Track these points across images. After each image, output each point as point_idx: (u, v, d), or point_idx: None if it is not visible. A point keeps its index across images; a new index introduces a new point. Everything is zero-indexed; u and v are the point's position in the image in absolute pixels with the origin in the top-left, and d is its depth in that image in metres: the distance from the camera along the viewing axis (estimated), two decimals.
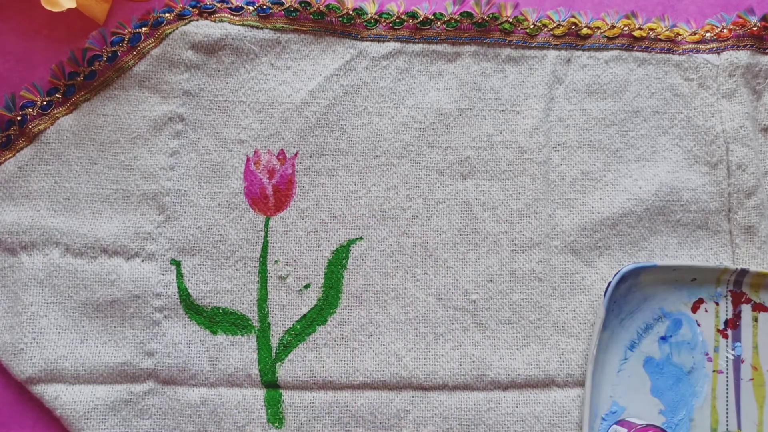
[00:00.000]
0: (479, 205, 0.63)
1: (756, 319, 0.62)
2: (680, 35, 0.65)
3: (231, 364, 0.60)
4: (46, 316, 0.59)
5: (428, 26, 0.64)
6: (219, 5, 0.63)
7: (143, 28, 0.62)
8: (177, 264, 0.61)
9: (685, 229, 0.63)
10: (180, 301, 0.61)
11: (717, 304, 0.62)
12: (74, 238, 0.60)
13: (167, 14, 0.62)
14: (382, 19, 0.64)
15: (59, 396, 0.59)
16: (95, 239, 0.61)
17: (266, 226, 0.62)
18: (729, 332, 0.62)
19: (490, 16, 0.64)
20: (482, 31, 0.64)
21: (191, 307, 0.61)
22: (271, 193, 0.62)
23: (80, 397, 0.59)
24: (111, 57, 0.62)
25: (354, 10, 0.64)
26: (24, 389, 0.60)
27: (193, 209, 0.62)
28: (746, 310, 0.62)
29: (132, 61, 0.62)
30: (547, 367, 0.61)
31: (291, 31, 0.63)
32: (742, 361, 0.62)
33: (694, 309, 0.62)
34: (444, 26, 0.64)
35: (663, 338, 0.62)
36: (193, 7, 0.63)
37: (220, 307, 0.61)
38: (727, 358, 0.62)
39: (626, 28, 0.65)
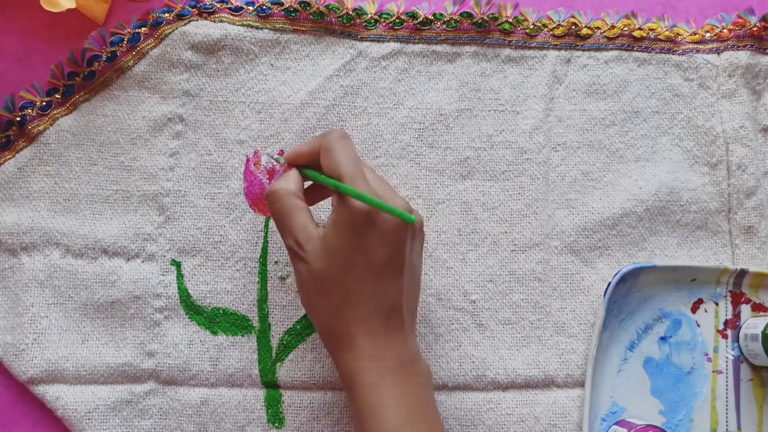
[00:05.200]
0: (479, 205, 0.63)
1: None
2: (680, 35, 0.65)
3: (231, 364, 0.60)
4: (47, 316, 0.60)
5: (428, 26, 0.64)
6: (218, 5, 0.63)
7: (143, 29, 0.62)
8: (177, 265, 0.61)
9: (685, 230, 0.63)
10: (180, 302, 0.61)
11: (717, 304, 0.62)
12: (74, 239, 0.60)
13: (167, 14, 0.62)
14: (382, 20, 0.64)
15: (60, 396, 0.59)
16: (95, 240, 0.61)
17: (266, 226, 0.62)
18: (729, 332, 0.62)
19: (490, 16, 0.64)
20: (482, 32, 0.64)
21: (191, 308, 0.61)
22: None
23: (81, 398, 0.59)
24: (110, 57, 0.62)
25: (354, 10, 0.63)
26: (25, 390, 0.60)
27: (193, 210, 0.62)
28: (746, 310, 0.62)
29: (131, 62, 0.62)
30: (547, 368, 0.61)
31: (291, 31, 0.63)
32: (742, 362, 0.62)
33: (694, 309, 0.62)
34: (444, 26, 0.64)
35: (663, 338, 0.62)
36: (193, 7, 0.62)
37: (220, 308, 0.61)
38: (726, 358, 0.62)
39: (626, 28, 0.65)
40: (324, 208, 0.62)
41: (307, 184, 0.56)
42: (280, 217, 0.52)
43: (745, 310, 0.62)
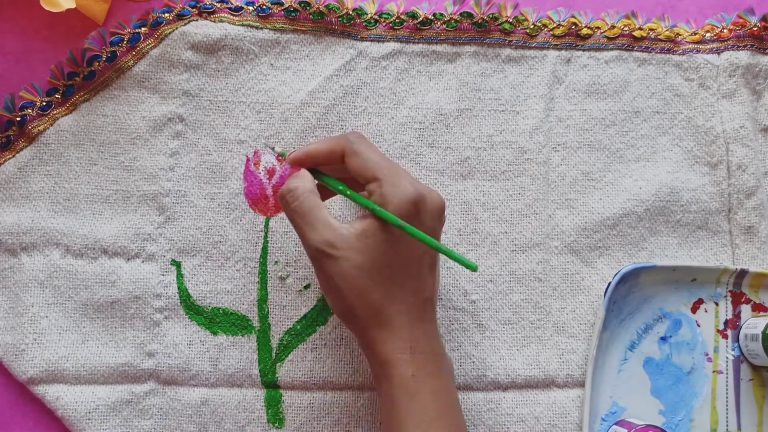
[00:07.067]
0: (479, 205, 0.63)
1: None
2: (680, 35, 0.65)
3: (231, 364, 0.60)
4: (47, 316, 0.60)
5: (428, 26, 0.64)
6: (218, 5, 0.63)
7: (142, 29, 0.62)
8: (177, 265, 0.61)
9: (685, 230, 0.63)
10: (180, 302, 0.61)
11: (717, 304, 0.62)
12: (74, 239, 0.60)
13: (167, 14, 0.62)
14: (382, 20, 0.64)
15: (60, 396, 0.59)
16: (95, 240, 0.61)
17: (266, 226, 0.62)
18: (729, 332, 0.62)
19: (490, 16, 0.64)
20: (482, 32, 0.64)
21: (191, 308, 0.61)
22: (270, 193, 0.62)
23: (81, 398, 0.59)
24: (110, 57, 0.62)
25: (354, 10, 0.63)
26: (25, 390, 0.60)
27: (193, 210, 0.62)
28: (746, 310, 0.62)
29: (131, 62, 0.62)
30: (547, 368, 0.61)
31: (291, 31, 0.63)
32: (742, 362, 0.62)
33: (694, 309, 0.62)
34: (444, 26, 0.64)
35: (663, 339, 0.62)
36: (193, 7, 0.62)
37: (220, 308, 0.61)
38: (726, 358, 0.62)
39: (626, 28, 0.65)
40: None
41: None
42: (300, 216, 0.51)
43: (745, 310, 0.62)
